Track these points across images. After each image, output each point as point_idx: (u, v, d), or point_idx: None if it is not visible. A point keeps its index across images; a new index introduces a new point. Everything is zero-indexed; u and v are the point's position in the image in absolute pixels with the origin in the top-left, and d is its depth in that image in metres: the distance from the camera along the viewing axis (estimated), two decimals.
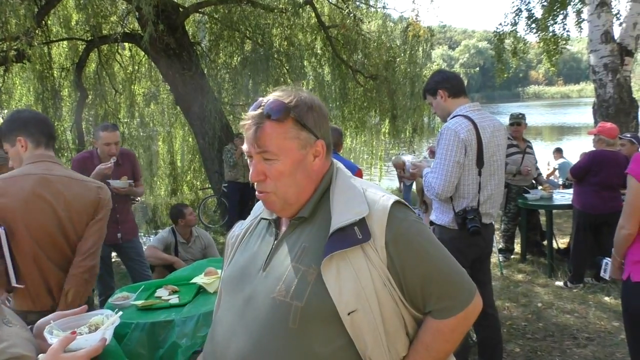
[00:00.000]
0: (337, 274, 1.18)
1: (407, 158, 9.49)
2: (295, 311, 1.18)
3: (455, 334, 1.29)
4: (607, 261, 2.71)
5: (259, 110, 1.23)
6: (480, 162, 2.95)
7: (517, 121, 6.02)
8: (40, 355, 1.19)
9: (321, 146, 1.28)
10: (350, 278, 1.17)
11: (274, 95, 1.26)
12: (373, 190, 1.30)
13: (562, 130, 30.74)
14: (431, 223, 3.17)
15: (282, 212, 1.32)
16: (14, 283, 2.18)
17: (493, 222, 3.24)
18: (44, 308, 2.24)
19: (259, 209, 1.48)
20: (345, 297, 1.16)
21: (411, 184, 9.25)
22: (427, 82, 3.20)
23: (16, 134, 2.33)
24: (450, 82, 3.07)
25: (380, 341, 1.20)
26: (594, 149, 5.17)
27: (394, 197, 1.28)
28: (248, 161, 1.28)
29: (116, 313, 1.38)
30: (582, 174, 5.03)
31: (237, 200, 8.83)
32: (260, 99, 1.26)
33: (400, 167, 9.50)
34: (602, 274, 2.76)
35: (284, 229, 1.34)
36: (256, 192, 1.30)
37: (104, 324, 1.31)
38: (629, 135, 5.57)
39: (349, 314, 1.16)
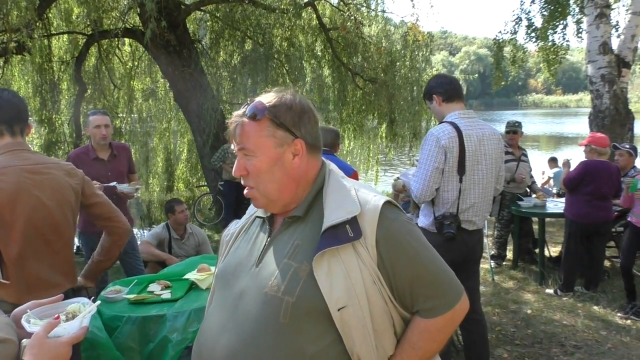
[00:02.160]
0: (329, 270, 1.21)
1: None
2: (286, 306, 1.21)
3: (441, 333, 1.32)
4: None
5: (242, 110, 1.32)
6: (461, 170, 2.99)
7: (513, 129, 6.05)
8: (24, 340, 1.19)
9: (300, 145, 1.32)
10: (341, 275, 1.21)
11: (258, 97, 1.34)
12: (365, 190, 1.34)
13: (560, 140, 30.79)
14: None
15: (268, 208, 1.38)
16: (0, 279, 2.12)
17: (483, 229, 3.27)
18: (17, 301, 2.04)
19: (254, 208, 1.51)
20: (335, 293, 1.20)
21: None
22: (425, 87, 3.28)
23: None
24: (444, 87, 3.13)
25: (369, 338, 1.23)
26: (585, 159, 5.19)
27: (386, 197, 1.31)
28: (229, 154, 1.36)
29: (95, 303, 1.37)
30: (574, 185, 5.05)
31: (233, 199, 8.84)
32: (249, 100, 1.34)
33: (400, 191, 9.48)
34: None
35: (277, 226, 1.38)
36: (245, 190, 1.37)
37: (81, 312, 1.30)
38: (627, 146, 5.56)
39: (338, 310, 1.19)
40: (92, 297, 1.40)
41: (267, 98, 1.32)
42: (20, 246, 2.13)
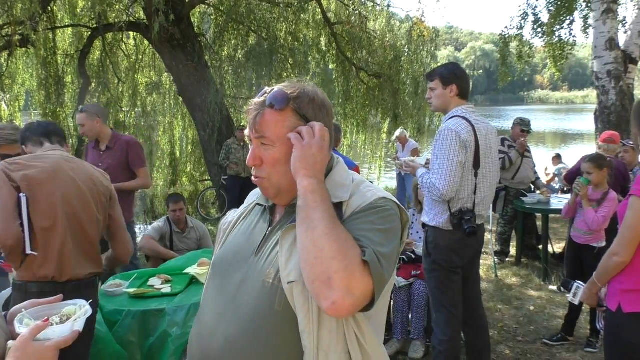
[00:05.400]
0: (293, 243, 1.19)
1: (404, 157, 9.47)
2: (280, 294, 1.20)
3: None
4: (578, 285, 2.56)
5: (263, 98, 1.27)
6: (477, 164, 2.96)
7: (529, 130, 6.12)
8: (10, 342, 1.18)
9: None
10: None
11: (279, 86, 1.30)
12: (366, 185, 1.31)
13: (566, 137, 30.62)
14: (424, 225, 3.17)
15: (276, 198, 1.34)
16: (28, 250, 2.22)
17: (486, 223, 3.26)
18: (43, 279, 2.28)
19: (253, 197, 1.51)
20: (290, 266, 1.18)
21: (410, 178, 9.17)
22: (444, 68, 3.11)
23: (22, 143, 2.60)
24: (466, 82, 3.07)
25: (311, 325, 1.17)
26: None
27: (385, 193, 1.29)
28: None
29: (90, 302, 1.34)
30: (574, 178, 5.02)
31: (237, 194, 8.84)
32: (266, 88, 1.30)
33: (403, 141, 9.40)
34: (570, 298, 2.59)
35: (278, 216, 1.37)
36: (252, 177, 1.33)
37: (76, 314, 1.29)
38: (632, 143, 5.50)
39: (288, 283, 1.18)
40: (90, 300, 1.38)
41: (289, 88, 1.28)
42: (55, 219, 2.30)
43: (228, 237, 1.46)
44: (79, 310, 1.29)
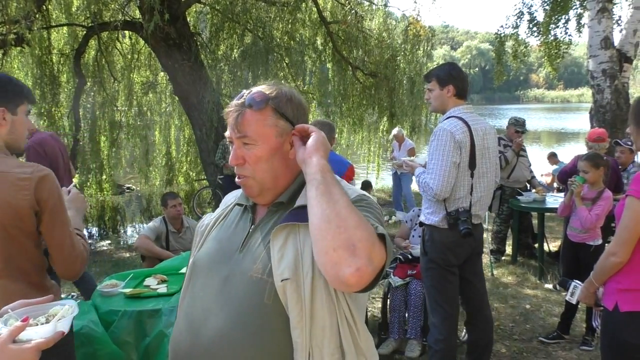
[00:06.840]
0: (284, 242, 1.25)
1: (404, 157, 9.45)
2: (270, 288, 1.23)
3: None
4: (575, 284, 2.57)
5: (242, 100, 1.32)
6: (472, 164, 2.97)
7: (523, 130, 6.12)
8: None
9: None
10: (293, 249, 1.23)
11: (256, 88, 1.35)
12: (345, 184, 1.35)
13: (561, 136, 30.69)
14: (421, 224, 3.18)
15: (259, 197, 1.38)
16: None
17: (483, 222, 3.27)
18: None
19: (230, 199, 1.55)
20: (283, 264, 1.22)
21: (405, 178, 9.17)
22: (440, 69, 3.13)
23: None
24: (463, 82, 3.08)
25: (303, 322, 1.20)
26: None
27: (363, 192, 1.35)
28: (230, 147, 1.36)
29: (79, 302, 1.31)
30: (567, 178, 5.03)
31: None
32: (244, 90, 1.36)
33: (400, 140, 9.39)
34: (568, 297, 2.61)
35: (260, 216, 1.40)
36: (236, 177, 1.37)
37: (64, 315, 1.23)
38: (630, 143, 5.51)
39: (282, 280, 1.21)
40: (78, 301, 1.35)
41: (268, 89, 1.33)
42: None
43: (207, 238, 1.47)
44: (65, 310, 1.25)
